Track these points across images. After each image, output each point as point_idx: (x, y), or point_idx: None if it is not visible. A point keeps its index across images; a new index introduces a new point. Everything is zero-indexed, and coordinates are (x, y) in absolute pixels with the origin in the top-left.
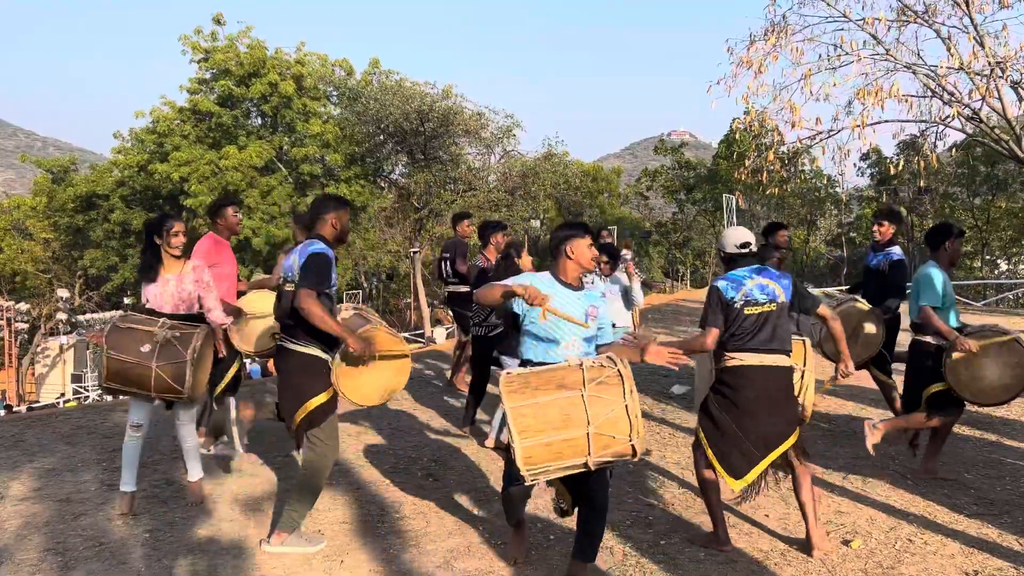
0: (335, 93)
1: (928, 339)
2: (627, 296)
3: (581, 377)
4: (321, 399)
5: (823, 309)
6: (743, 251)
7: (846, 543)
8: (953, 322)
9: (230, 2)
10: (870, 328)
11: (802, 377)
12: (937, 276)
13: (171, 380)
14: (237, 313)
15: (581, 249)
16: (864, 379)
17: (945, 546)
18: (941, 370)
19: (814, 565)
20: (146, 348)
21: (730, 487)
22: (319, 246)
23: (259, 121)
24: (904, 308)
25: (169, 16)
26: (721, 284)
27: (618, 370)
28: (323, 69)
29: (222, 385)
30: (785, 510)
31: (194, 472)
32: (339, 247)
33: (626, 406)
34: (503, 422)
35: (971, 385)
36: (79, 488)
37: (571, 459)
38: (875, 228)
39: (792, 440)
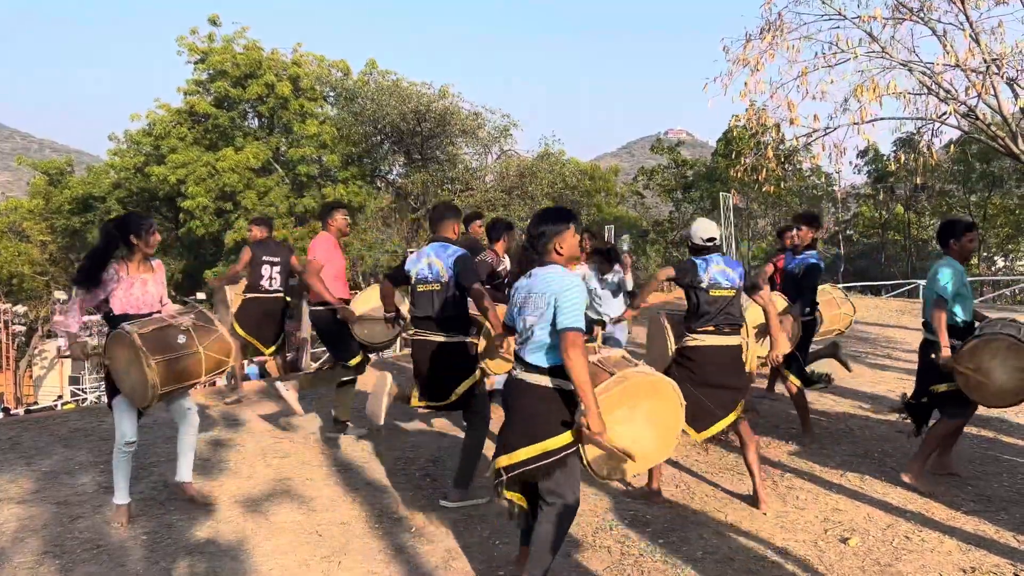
0: (332, 94)
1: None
2: (620, 289)
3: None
4: (476, 377)
5: (763, 294)
6: (708, 244)
7: (844, 541)
8: (961, 315)
9: (226, 4)
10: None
11: (746, 348)
12: (944, 272)
13: (221, 355)
14: (348, 310)
15: (569, 242)
16: (859, 377)
17: (943, 543)
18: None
19: (812, 563)
20: (182, 339)
21: (693, 439)
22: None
23: (256, 122)
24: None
25: (168, 18)
26: (697, 260)
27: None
28: (319, 70)
29: (356, 360)
30: (783, 508)
31: (184, 472)
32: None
33: None
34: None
35: (979, 389)
36: (77, 491)
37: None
38: (793, 232)
39: (742, 405)
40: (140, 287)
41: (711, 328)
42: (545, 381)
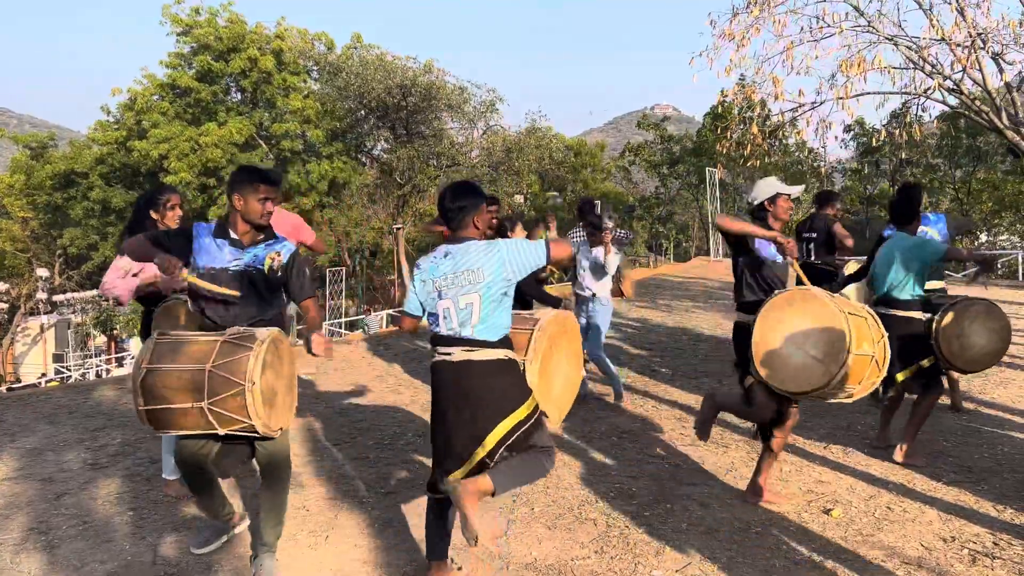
0: (315, 68)
1: (914, 314)
2: (599, 268)
3: None
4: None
5: None
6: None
7: (827, 512)
8: (918, 290)
9: None
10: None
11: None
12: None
13: None
14: None
15: (484, 219)
16: None
17: (923, 513)
18: (930, 343)
19: (794, 535)
20: None
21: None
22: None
23: (238, 97)
24: None
25: None
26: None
27: None
28: (303, 44)
29: None
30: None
31: None
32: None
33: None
34: None
35: (962, 355)
36: (62, 467)
37: None
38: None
39: None
40: None
41: None
42: (498, 355)
